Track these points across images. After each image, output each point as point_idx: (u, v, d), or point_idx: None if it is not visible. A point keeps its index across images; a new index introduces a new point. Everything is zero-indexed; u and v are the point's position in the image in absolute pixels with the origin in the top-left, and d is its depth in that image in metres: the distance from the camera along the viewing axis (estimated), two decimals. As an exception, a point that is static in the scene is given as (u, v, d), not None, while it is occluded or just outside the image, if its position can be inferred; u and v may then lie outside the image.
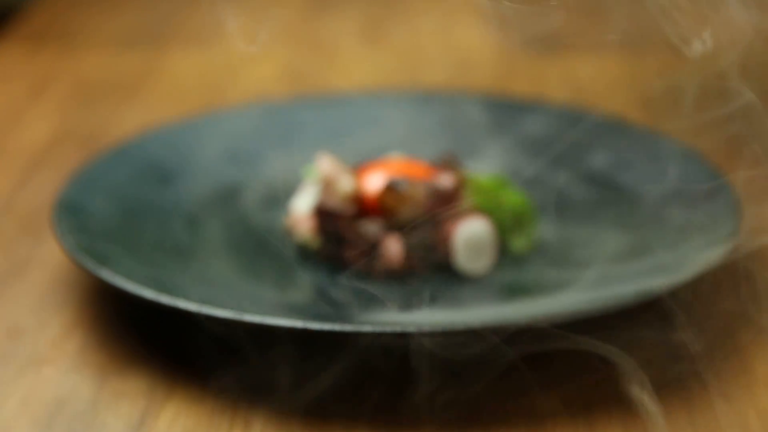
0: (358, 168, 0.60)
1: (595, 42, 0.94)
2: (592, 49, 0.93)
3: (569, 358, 0.48)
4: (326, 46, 0.96)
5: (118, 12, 1.03)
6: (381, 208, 0.57)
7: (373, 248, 0.56)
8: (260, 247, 0.59)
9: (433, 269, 0.56)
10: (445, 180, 0.58)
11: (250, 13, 1.00)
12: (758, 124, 0.74)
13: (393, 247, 0.55)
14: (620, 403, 0.46)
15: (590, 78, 0.86)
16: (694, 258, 0.50)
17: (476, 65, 0.91)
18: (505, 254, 0.57)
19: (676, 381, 0.48)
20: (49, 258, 0.58)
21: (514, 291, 0.55)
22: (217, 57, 0.92)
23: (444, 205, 0.57)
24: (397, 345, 0.49)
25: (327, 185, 0.58)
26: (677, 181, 0.59)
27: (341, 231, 0.56)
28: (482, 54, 0.93)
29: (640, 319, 0.50)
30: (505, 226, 0.57)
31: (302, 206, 0.59)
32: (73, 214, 0.55)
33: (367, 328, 0.46)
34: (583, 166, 0.64)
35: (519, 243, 0.58)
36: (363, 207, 0.57)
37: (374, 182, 0.57)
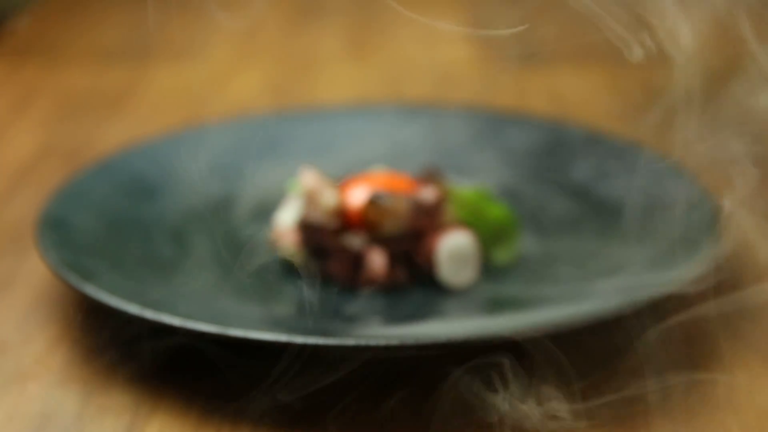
0: (341, 182, 0.60)
1: (576, 55, 0.94)
2: (573, 62, 0.93)
3: (549, 369, 0.48)
4: (310, 60, 0.96)
5: (101, 27, 1.03)
6: (364, 222, 0.57)
7: (356, 262, 0.56)
8: (244, 261, 0.59)
9: (417, 282, 0.56)
10: (428, 193, 0.58)
11: (233, 27, 1.01)
12: (738, 135, 0.75)
13: (376, 261, 0.56)
14: (601, 414, 0.46)
15: (572, 90, 0.87)
16: (675, 271, 0.51)
17: (459, 78, 0.91)
18: (487, 267, 0.57)
19: (659, 392, 0.48)
20: (33, 273, 0.58)
21: (496, 304, 0.55)
22: (201, 71, 0.93)
23: (427, 218, 0.57)
24: (381, 357, 0.49)
25: (310, 199, 0.58)
26: (658, 194, 0.59)
27: (325, 245, 0.57)
28: (465, 67, 0.94)
29: (621, 331, 0.50)
30: (488, 239, 0.58)
31: (286, 220, 0.59)
32: (57, 230, 0.55)
33: (350, 342, 0.46)
34: (565, 178, 0.64)
35: (501, 255, 0.58)
36: (346, 221, 0.57)
37: (358, 196, 0.58)
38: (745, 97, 0.77)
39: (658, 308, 0.51)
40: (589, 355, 0.48)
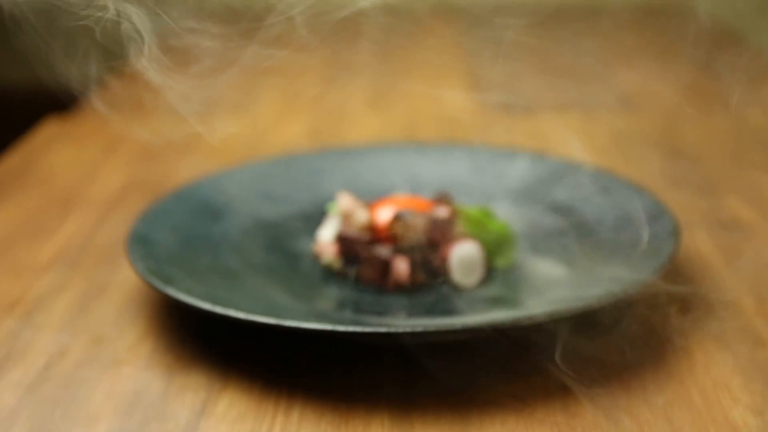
0: (371, 203, 0.60)
1: (558, 103, 0.95)
2: (555, 109, 0.93)
3: (545, 351, 0.48)
4: (341, 110, 0.96)
5: (175, 85, 1.03)
6: (390, 235, 0.57)
7: (384, 267, 0.56)
8: (293, 268, 0.59)
9: (434, 283, 0.56)
10: (442, 212, 0.58)
11: (279, 86, 1.01)
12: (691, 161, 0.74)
13: (401, 266, 0.56)
14: (592, 385, 0.46)
15: (553, 132, 0.87)
16: (641, 271, 0.50)
17: (463, 123, 0.91)
18: (491, 271, 0.57)
19: (635, 366, 0.48)
20: (125, 280, 0.58)
21: (498, 300, 0.55)
22: (255, 120, 0.93)
23: (441, 232, 0.57)
24: (407, 343, 0.49)
25: (346, 217, 0.58)
26: (626, 211, 0.59)
27: (359, 254, 0.57)
28: (467, 114, 0.94)
29: (604, 318, 0.50)
30: (491, 249, 0.58)
31: (327, 235, 0.59)
32: (142, 245, 0.55)
33: (382, 329, 0.46)
34: (550, 200, 0.64)
35: (502, 261, 0.58)
36: (376, 234, 0.57)
37: (385, 214, 0.58)
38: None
39: (629, 302, 0.51)
40: (574, 338, 0.48)
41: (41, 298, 0.57)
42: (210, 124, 0.91)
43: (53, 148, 0.86)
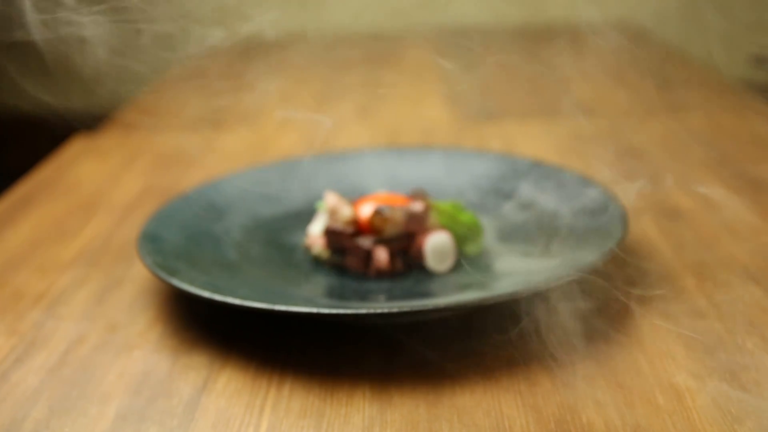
0: (355, 201, 0.58)
1: (521, 111, 0.93)
2: (519, 116, 0.92)
3: (509, 327, 0.46)
4: (332, 121, 0.94)
5: (185, 106, 1.02)
6: (372, 228, 0.55)
7: (367, 256, 0.54)
8: (287, 259, 0.57)
9: (411, 269, 0.55)
10: (417, 206, 0.56)
11: (278, 102, 1.00)
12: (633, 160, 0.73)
13: (381, 255, 0.54)
14: (551, 356, 0.45)
15: (518, 135, 0.85)
16: (592, 255, 0.49)
17: (438, 129, 0.90)
18: (461, 257, 0.56)
19: (589, 338, 0.47)
20: (137, 274, 0.57)
21: (467, 283, 0.53)
22: (255, 133, 0.91)
23: (417, 224, 0.55)
24: (386, 323, 0.47)
25: (333, 213, 0.56)
26: (581, 202, 0.58)
27: (344, 245, 0.55)
28: (442, 122, 0.92)
29: (562, 296, 0.49)
30: (461, 238, 0.56)
31: (316, 229, 0.57)
32: (152, 242, 0.54)
33: (363, 311, 0.45)
34: (514, 194, 0.63)
35: (471, 249, 0.56)
36: (359, 227, 0.56)
37: (366, 210, 0.56)
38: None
39: (583, 283, 0.49)
40: (536, 315, 0.46)
41: (64, 291, 0.56)
42: (217, 137, 0.90)
43: (80, 162, 0.84)
